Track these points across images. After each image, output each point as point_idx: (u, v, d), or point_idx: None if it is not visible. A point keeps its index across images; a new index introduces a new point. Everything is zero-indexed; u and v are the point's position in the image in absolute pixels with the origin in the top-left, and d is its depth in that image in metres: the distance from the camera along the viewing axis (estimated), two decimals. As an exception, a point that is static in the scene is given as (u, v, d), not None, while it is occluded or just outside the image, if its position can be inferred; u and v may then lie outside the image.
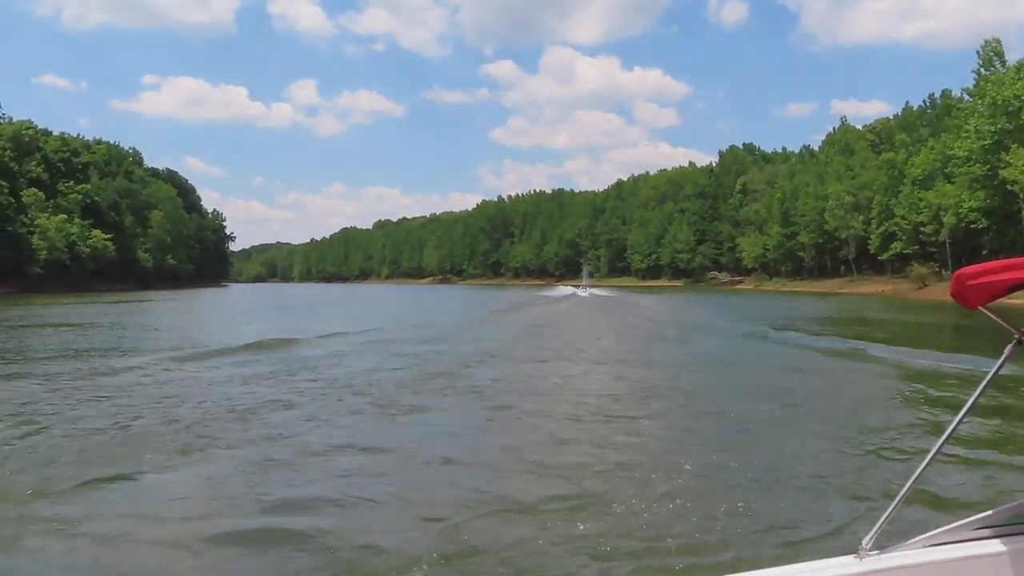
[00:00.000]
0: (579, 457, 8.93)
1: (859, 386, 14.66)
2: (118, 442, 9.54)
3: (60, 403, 12.19)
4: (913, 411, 11.60)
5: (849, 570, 2.25)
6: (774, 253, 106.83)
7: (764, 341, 24.81)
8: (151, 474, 8.13)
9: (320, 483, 7.66)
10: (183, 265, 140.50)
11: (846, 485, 7.31)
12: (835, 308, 47.49)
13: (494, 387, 14.32)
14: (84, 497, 7.19)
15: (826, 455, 8.55)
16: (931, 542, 2.36)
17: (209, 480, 8.02)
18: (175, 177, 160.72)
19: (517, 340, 25.04)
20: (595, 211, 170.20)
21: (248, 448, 9.33)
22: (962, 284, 2.20)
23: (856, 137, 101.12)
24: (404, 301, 71.37)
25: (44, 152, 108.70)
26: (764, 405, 12.03)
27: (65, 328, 30.53)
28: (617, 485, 7.44)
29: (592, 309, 48.96)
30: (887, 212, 79.45)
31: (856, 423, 10.45)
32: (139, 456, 8.84)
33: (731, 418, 11.08)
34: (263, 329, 28.98)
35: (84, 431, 9.94)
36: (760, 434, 9.93)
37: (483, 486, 7.52)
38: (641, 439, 9.76)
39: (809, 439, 9.46)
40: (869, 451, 8.73)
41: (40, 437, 9.58)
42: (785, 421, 10.80)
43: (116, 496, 7.36)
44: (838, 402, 12.51)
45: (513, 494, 7.20)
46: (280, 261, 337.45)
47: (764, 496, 6.91)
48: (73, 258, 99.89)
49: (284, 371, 16.39)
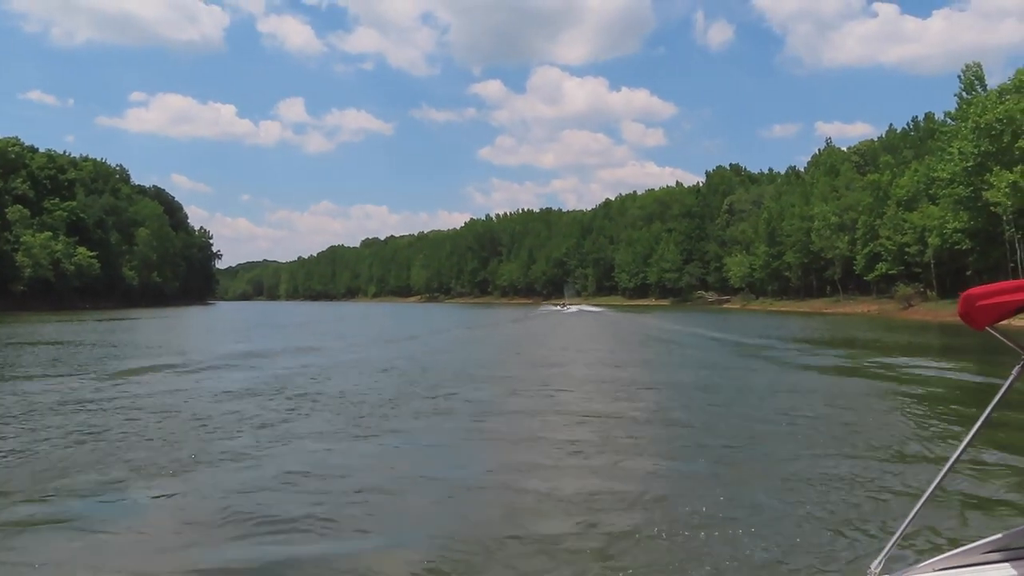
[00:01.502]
0: (579, 465, 9.01)
1: (862, 405, 14.65)
2: (96, 458, 9.54)
3: (49, 418, 12.17)
4: (919, 432, 11.62)
5: None
6: (760, 273, 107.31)
7: (761, 356, 25.13)
8: (136, 492, 8.13)
9: (312, 500, 7.60)
10: (169, 283, 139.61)
11: (853, 508, 7.30)
12: (825, 327, 47.68)
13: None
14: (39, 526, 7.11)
15: (833, 477, 8.55)
16: (940, 566, 2.34)
17: (186, 497, 8.03)
18: (162, 194, 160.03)
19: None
20: (583, 230, 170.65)
21: (232, 466, 9.36)
22: (971, 305, 2.19)
23: (841, 158, 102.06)
24: (395, 320, 71.05)
25: (30, 169, 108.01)
26: (769, 425, 12.08)
27: (56, 345, 30.24)
28: (618, 508, 7.45)
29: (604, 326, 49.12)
30: (872, 233, 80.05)
31: (862, 444, 10.46)
32: (122, 473, 8.91)
33: (737, 439, 11.07)
34: (250, 348, 29.04)
35: (63, 445, 9.85)
36: (767, 456, 9.91)
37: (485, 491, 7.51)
38: (641, 464, 9.72)
39: (816, 460, 9.46)
40: (876, 474, 8.71)
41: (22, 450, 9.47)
42: (791, 442, 10.80)
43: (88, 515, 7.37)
44: (842, 422, 12.49)
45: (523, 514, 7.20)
46: (267, 279, 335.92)
47: (772, 520, 6.89)
48: (57, 275, 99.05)
49: (276, 388, 16.40)
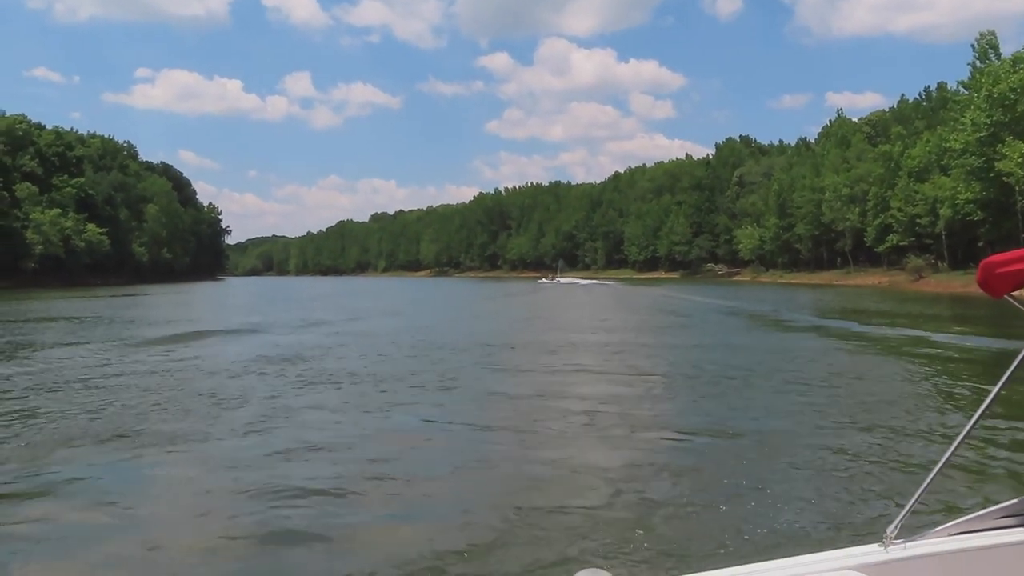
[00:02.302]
0: (598, 434, 9.03)
1: (876, 374, 14.62)
2: (110, 429, 9.67)
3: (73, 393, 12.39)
4: (934, 400, 11.61)
5: (875, 558, 2.21)
6: (771, 245, 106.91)
7: (773, 325, 25.12)
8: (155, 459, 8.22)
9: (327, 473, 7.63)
10: (179, 259, 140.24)
11: (870, 473, 7.30)
12: (836, 299, 47.58)
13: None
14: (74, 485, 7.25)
15: (850, 446, 8.52)
16: (956, 530, 2.34)
17: (198, 467, 8.11)
18: (170, 171, 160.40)
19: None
20: (592, 203, 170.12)
21: (245, 437, 9.51)
22: (990, 272, 2.18)
23: (852, 129, 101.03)
24: (405, 294, 71.23)
25: (38, 146, 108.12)
26: (785, 396, 12.11)
27: (72, 320, 30.49)
28: (639, 479, 7.47)
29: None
30: (883, 204, 79.50)
31: (878, 413, 10.44)
32: (141, 443, 9.02)
33: (754, 410, 11.06)
34: (263, 321, 29.44)
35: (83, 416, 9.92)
36: (783, 426, 9.87)
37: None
38: (658, 435, 9.75)
39: (832, 430, 9.44)
40: (892, 442, 8.69)
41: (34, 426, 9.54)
42: (807, 412, 10.78)
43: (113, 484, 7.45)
44: (857, 392, 12.45)
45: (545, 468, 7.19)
46: (276, 254, 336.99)
47: (787, 484, 6.90)
48: (68, 252, 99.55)
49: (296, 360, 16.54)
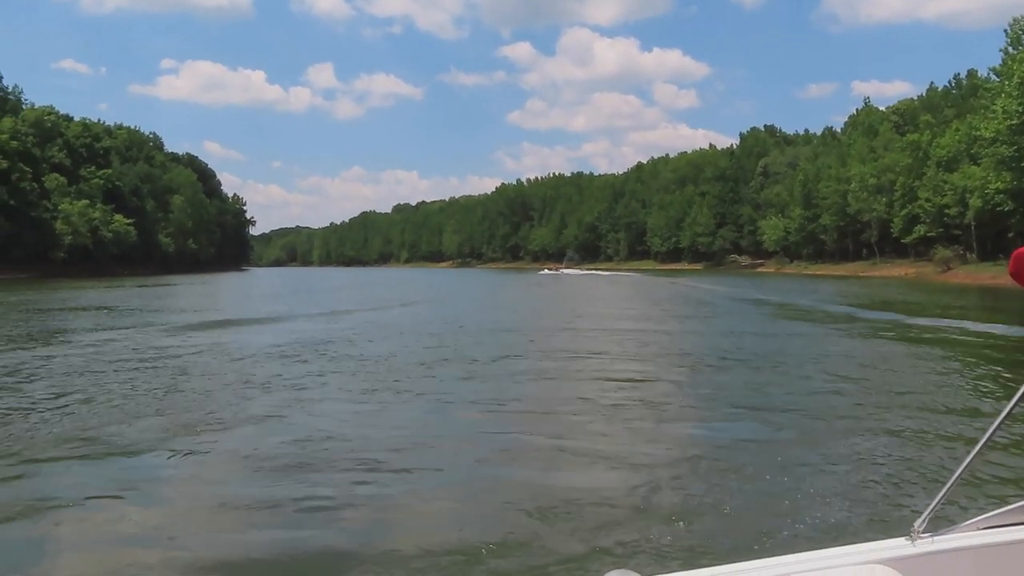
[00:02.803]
0: (620, 426, 9.04)
1: (906, 366, 14.47)
2: (137, 414, 9.84)
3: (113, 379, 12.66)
4: (965, 392, 11.47)
5: (901, 552, 2.18)
6: (795, 236, 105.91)
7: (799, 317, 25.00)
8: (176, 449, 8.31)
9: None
10: (204, 249, 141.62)
11: (899, 469, 7.22)
12: (862, 290, 47.07)
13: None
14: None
15: (879, 438, 8.45)
16: (985, 525, 2.28)
17: (222, 454, 8.24)
18: (195, 162, 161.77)
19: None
20: (614, 194, 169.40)
21: (268, 424, 9.65)
22: (1022, 263, 2.12)
23: (879, 118, 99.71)
24: (428, 285, 71.55)
25: (66, 137, 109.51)
26: (814, 387, 12.03)
27: (103, 310, 30.95)
28: (664, 466, 7.51)
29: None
30: (911, 194, 78.39)
31: (908, 404, 10.35)
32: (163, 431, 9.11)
33: (782, 401, 10.98)
34: (288, 311, 29.77)
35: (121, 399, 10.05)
36: (813, 417, 9.78)
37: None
38: (685, 427, 9.75)
39: (861, 421, 9.35)
40: (922, 434, 8.60)
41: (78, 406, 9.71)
42: (836, 403, 10.71)
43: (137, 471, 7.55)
44: (888, 383, 12.30)
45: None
46: (300, 245, 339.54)
47: (817, 481, 6.83)
48: (96, 243, 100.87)
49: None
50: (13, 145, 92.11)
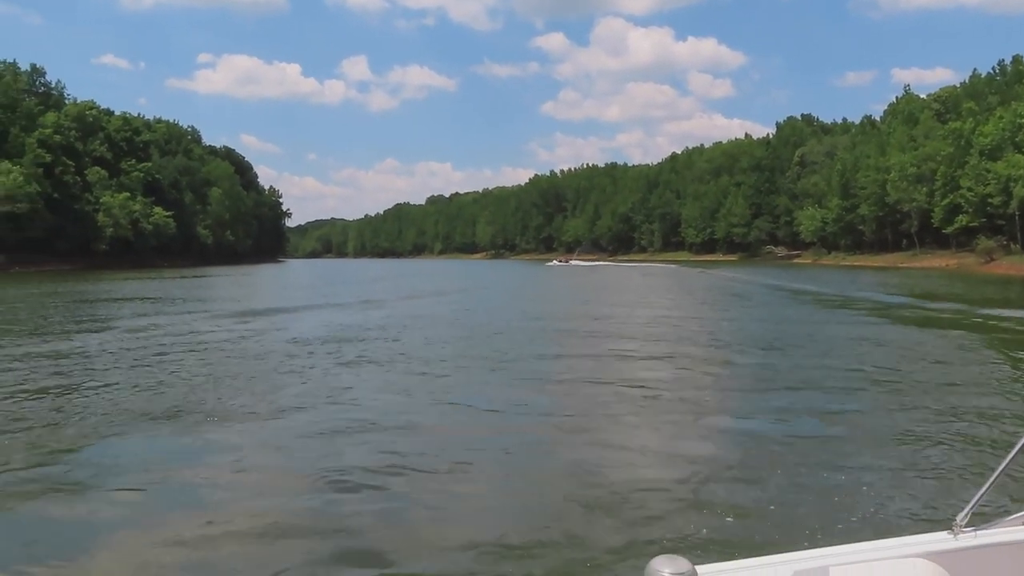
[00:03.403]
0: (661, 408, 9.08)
1: (951, 358, 14.30)
2: (177, 402, 10.14)
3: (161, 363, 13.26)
4: (1011, 385, 11.33)
5: (943, 546, 2.21)
6: (833, 227, 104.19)
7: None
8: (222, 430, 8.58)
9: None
10: (241, 241, 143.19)
11: (943, 462, 7.18)
12: (902, 281, 46.23)
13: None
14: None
15: (923, 431, 8.41)
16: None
17: (261, 440, 8.48)
18: (232, 154, 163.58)
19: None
20: (648, 185, 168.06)
21: (310, 411, 9.89)
22: None
23: (920, 106, 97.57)
24: (469, 276, 71.81)
25: (107, 131, 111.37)
26: (857, 379, 11.93)
27: (148, 300, 31.66)
28: (706, 455, 7.57)
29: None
30: (952, 184, 76.71)
31: (952, 397, 10.25)
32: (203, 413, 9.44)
33: (824, 393, 10.91)
34: (326, 301, 30.15)
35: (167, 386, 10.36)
36: (856, 410, 9.72)
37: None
38: (730, 406, 9.91)
39: (905, 413, 9.29)
40: (966, 427, 8.53)
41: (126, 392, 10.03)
42: (881, 395, 10.64)
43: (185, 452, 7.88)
44: (932, 376, 12.17)
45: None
46: (335, 237, 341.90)
47: (861, 474, 6.83)
48: (136, 235, 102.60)
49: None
50: (56, 139, 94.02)
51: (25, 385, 11.63)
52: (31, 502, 6.35)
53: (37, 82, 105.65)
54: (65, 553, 5.34)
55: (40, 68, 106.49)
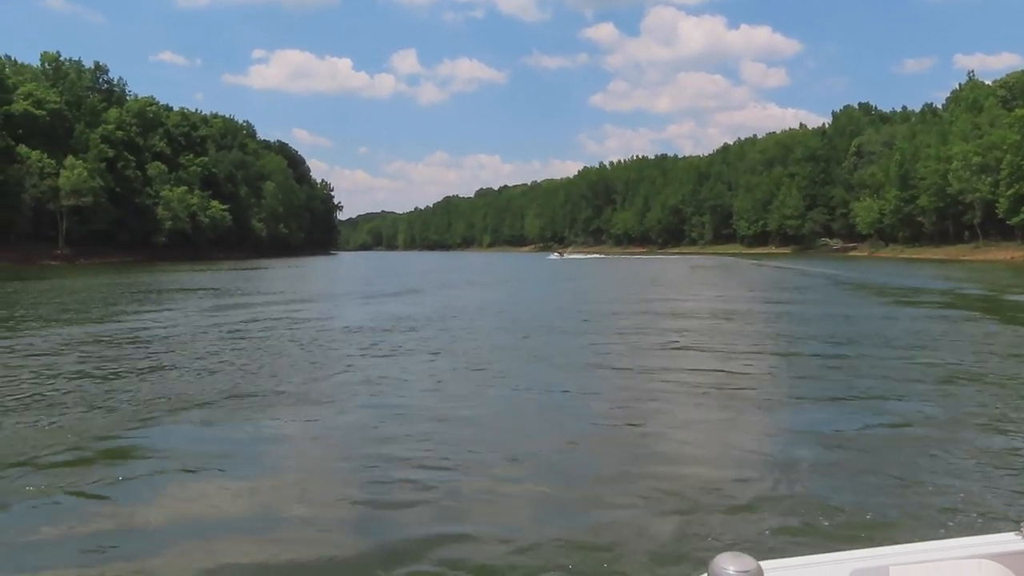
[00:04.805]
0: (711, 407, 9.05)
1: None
2: (231, 388, 10.32)
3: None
4: None
5: (1009, 547, 2.17)
6: (891, 218, 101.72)
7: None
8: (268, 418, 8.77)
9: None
10: (294, 234, 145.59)
11: (1008, 461, 6.98)
12: (966, 275, 44.79)
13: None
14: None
15: (994, 426, 8.20)
16: None
17: (307, 430, 8.64)
18: (285, 149, 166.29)
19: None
20: (699, 176, 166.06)
21: (361, 400, 10.05)
22: None
23: (985, 93, 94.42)
24: (517, 269, 72.04)
25: (166, 127, 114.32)
26: (923, 375, 11.61)
27: (210, 291, 32.52)
28: (770, 451, 7.50)
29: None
30: (1019, 173, 74.25)
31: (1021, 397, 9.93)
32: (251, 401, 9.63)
33: (886, 390, 10.61)
34: (379, 290, 30.67)
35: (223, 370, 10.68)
36: (920, 409, 9.40)
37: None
38: (792, 402, 9.79)
39: (973, 415, 8.95)
40: None
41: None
42: (947, 393, 10.35)
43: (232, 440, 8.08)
44: (1003, 374, 11.72)
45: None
46: (385, 230, 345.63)
47: (927, 475, 6.68)
48: (194, 228, 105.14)
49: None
50: (119, 135, 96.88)
51: (85, 366, 12.32)
52: (82, 479, 6.61)
53: (100, 79, 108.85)
54: (119, 537, 5.44)
55: (103, 65, 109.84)
